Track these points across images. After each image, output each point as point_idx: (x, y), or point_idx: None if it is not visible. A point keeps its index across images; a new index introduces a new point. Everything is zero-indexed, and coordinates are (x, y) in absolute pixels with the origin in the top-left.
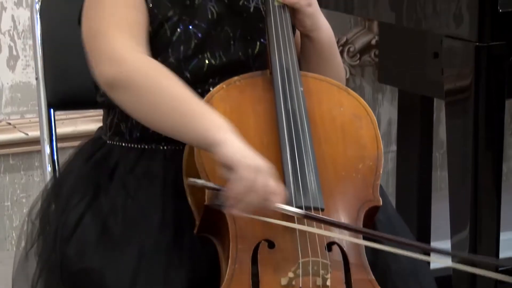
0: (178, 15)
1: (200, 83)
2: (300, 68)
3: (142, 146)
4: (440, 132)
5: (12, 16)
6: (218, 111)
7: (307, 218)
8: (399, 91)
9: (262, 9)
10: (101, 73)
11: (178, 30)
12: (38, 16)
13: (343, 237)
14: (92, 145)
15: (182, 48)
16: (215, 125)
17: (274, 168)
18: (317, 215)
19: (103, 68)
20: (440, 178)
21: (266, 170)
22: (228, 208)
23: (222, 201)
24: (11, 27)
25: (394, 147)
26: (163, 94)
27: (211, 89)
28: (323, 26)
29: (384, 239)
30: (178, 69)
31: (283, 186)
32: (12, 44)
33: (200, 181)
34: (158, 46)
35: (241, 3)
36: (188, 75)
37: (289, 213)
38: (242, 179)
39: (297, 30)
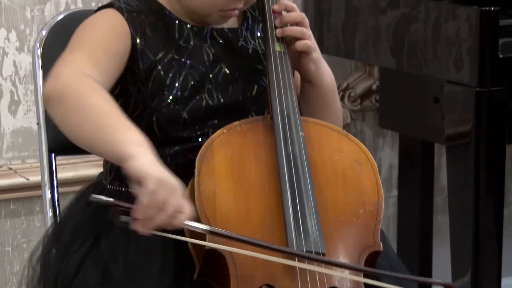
0: (171, 55)
1: (199, 125)
2: (300, 113)
3: None
4: (441, 177)
5: (14, 61)
6: (219, 157)
7: (212, 234)
8: (400, 136)
9: (260, 51)
10: (43, 88)
11: (173, 70)
12: (40, 61)
13: (344, 275)
14: (92, 190)
15: (179, 89)
16: (128, 139)
17: (270, 214)
18: (265, 243)
19: (46, 83)
20: (441, 223)
21: (176, 187)
22: (134, 225)
23: (129, 218)
24: (12, 72)
25: (395, 192)
26: (87, 108)
27: (210, 131)
28: (325, 71)
29: (382, 275)
30: (175, 110)
31: (191, 205)
32: (13, 89)
33: (104, 198)
34: (154, 87)
35: (239, 44)
36: (186, 116)
37: (197, 230)
38: (150, 193)
39: (296, 73)
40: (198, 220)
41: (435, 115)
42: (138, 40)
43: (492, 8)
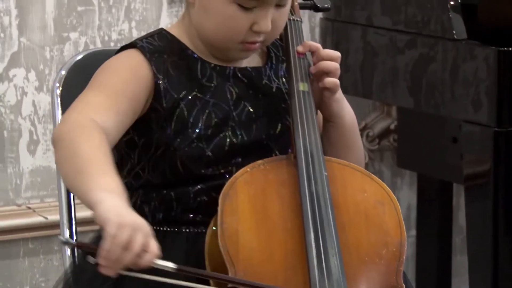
0: (194, 93)
1: (223, 163)
2: (323, 152)
3: (165, 229)
4: (460, 217)
5: (33, 101)
6: (242, 195)
7: (181, 272)
8: (418, 176)
9: (284, 90)
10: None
11: (196, 108)
12: (59, 101)
13: None
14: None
15: (202, 126)
16: (98, 185)
17: (292, 253)
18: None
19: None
20: (460, 263)
21: (140, 226)
22: (101, 268)
23: (95, 260)
24: (31, 111)
25: (413, 232)
26: (74, 156)
27: (234, 169)
28: (347, 111)
29: None
30: (199, 148)
31: (156, 244)
32: (32, 128)
33: (71, 241)
34: (177, 125)
35: (263, 82)
36: (210, 154)
37: (166, 268)
38: (111, 236)
39: (318, 113)
40: (220, 258)
41: (454, 155)
42: (161, 79)
43: (510, 48)
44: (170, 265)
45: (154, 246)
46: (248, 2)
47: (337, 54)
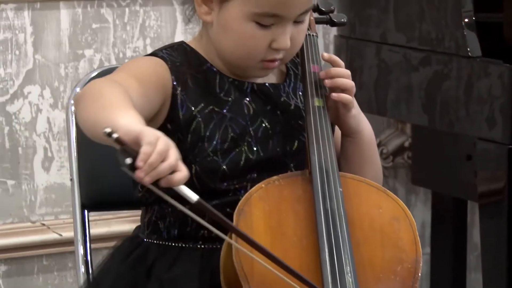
0: (212, 107)
1: (238, 178)
2: (339, 168)
3: (180, 245)
4: (474, 235)
5: (48, 118)
6: (257, 211)
7: (200, 207)
8: (432, 193)
9: (302, 108)
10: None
11: (213, 122)
12: (73, 118)
13: None
14: (129, 244)
15: (218, 140)
16: (126, 114)
17: (307, 270)
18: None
19: None
20: (475, 281)
21: (171, 142)
22: (138, 172)
23: (133, 168)
24: (46, 129)
25: (427, 250)
26: (101, 98)
27: (249, 184)
28: (365, 127)
29: None
30: (214, 161)
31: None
32: (47, 145)
33: (116, 134)
34: (194, 138)
35: (281, 99)
36: (225, 168)
37: (187, 197)
38: (151, 143)
39: (336, 129)
40: (234, 274)
41: (468, 172)
42: (179, 90)
43: None
44: (193, 196)
45: (185, 168)
46: (266, 19)
47: (348, 72)
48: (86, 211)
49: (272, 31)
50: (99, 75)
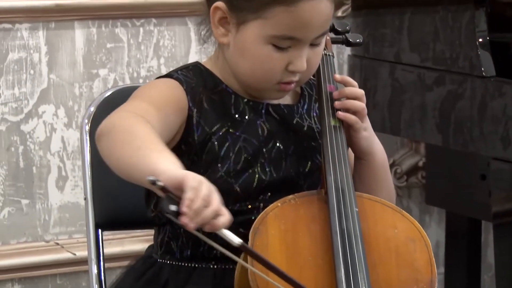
0: (226, 128)
1: (251, 198)
2: (354, 188)
3: (193, 265)
4: (488, 255)
5: (62, 137)
6: (273, 230)
7: (243, 249)
8: (446, 213)
9: (315, 129)
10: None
11: (227, 143)
12: (88, 137)
13: None
14: (142, 264)
15: (232, 162)
16: (161, 158)
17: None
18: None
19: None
20: None
21: (213, 188)
22: (182, 218)
23: (177, 215)
24: (60, 148)
25: (442, 270)
26: (130, 136)
27: (261, 205)
28: (377, 149)
29: None
30: (228, 183)
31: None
32: (61, 165)
33: (160, 182)
34: (208, 159)
35: (295, 121)
36: (238, 189)
37: (230, 240)
38: (194, 188)
39: (349, 152)
40: None
41: (482, 192)
42: (194, 112)
43: None
44: (236, 239)
45: (227, 212)
46: (283, 42)
47: (361, 92)
48: (100, 230)
49: (289, 53)
50: (113, 95)
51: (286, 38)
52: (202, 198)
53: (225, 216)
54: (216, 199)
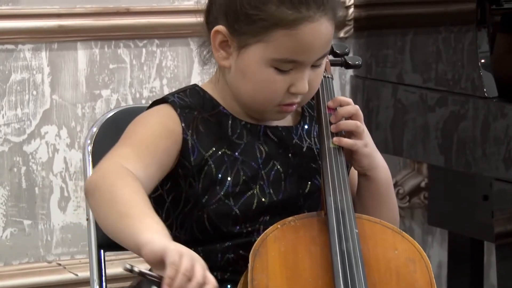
0: (223, 150)
1: (250, 221)
2: (355, 208)
3: None
4: (491, 275)
5: (64, 158)
6: (273, 252)
7: None
8: (449, 234)
9: (315, 150)
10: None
11: (224, 165)
12: (90, 158)
13: None
14: (145, 285)
15: (230, 184)
16: (144, 227)
17: None
18: None
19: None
20: None
21: (197, 257)
22: None
23: None
24: (63, 168)
25: None
26: (114, 200)
27: (261, 227)
28: (380, 165)
29: None
30: (227, 205)
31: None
32: (63, 185)
33: (137, 268)
34: (205, 182)
35: (293, 142)
36: (238, 212)
37: None
38: (175, 263)
39: (352, 170)
40: None
41: (484, 213)
42: (189, 135)
43: None
44: None
45: (212, 279)
46: (285, 65)
47: (355, 108)
48: (102, 251)
49: (290, 76)
50: (115, 115)
51: (288, 61)
52: (183, 273)
53: (211, 284)
54: (199, 270)
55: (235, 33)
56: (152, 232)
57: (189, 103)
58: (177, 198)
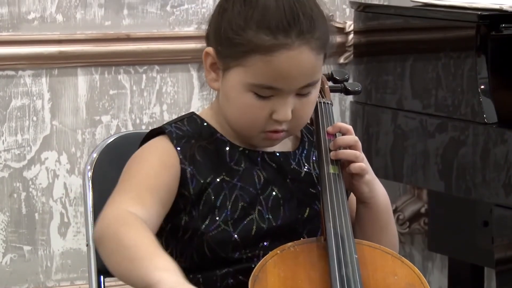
0: (222, 177)
1: (250, 247)
2: (355, 234)
3: None
4: None
5: (64, 184)
6: (272, 277)
7: None
8: (449, 260)
9: (314, 175)
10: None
11: (223, 192)
12: (90, 184)
13: None
14: None
15: (229, 210)
16: (153, 266)
17: None
18: None
19: (95, 225)
20: None
21: None
22: None
23: None
24: (63, 194)
25: None
26: (122, 247)
27: (261, 253)
28: (379, 192)
29: None
30: (226, 232)
31: None
32: (63, 211)
33: None
34: (205, 210)
35: (291, 167)
36: (237, 238)
37: None
38: None
39: (351, 195)
40: None
41: (485, 239)
42: (187, 165)
43: None
44: None
45: None
46: (263, 90)
47: (353, 139)
48: (102, 277)
49: (272, 102)
50: (116, 141)
51: (265, 87)
52: None
53: None
54: None
55: (220, 55)
56: (162, 270)
57: (187, 131)
58: (176, 226)
